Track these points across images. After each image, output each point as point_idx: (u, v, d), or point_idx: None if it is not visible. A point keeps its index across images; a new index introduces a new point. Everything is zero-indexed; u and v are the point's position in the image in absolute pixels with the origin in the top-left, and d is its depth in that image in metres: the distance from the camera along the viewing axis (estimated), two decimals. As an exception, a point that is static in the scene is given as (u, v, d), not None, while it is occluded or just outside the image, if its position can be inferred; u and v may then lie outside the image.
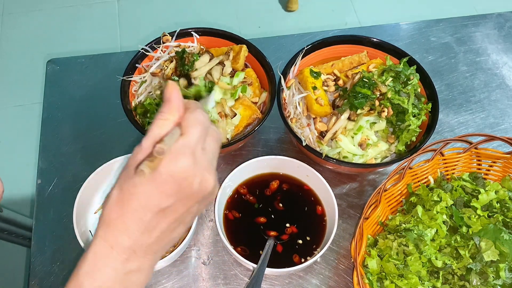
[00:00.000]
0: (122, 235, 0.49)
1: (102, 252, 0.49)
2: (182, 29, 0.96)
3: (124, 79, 0.90)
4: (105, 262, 0.49)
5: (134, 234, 0.49)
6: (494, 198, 0.79)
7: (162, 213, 0.49)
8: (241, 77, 0.92)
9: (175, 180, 0.48)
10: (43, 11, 2.42)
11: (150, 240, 0.50)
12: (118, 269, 0.49)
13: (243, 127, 0.90)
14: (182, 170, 0.48)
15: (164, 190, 0.48)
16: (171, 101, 0.51)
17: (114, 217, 0.49)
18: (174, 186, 0.48)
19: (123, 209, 0.48)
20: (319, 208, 0.86)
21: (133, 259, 0.50)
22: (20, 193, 1.88)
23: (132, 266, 0.50)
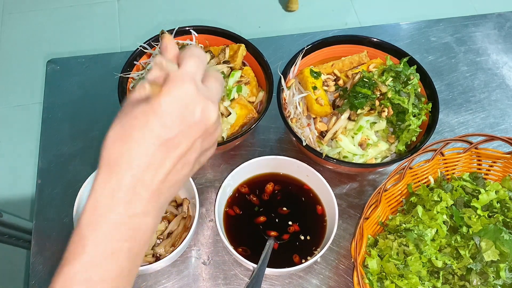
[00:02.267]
0: (124, 174, 0.45)
1: (103, 198, 0.45)
2: (180, 27, 0.96)
3: (122, 76, 0.90)
4: (107, 208, 0.45)
5: (137, 171, 0.45)
6: (494, 198, 0.79)
7: (165, 146, 0.46)
8: (237, 76, 0.92)
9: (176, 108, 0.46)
10: (43, 11, 2.42)
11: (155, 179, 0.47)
12: (122, 213, 0.45)
13: (239, 126, 0.90)
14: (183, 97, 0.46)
15: (165, 119, 0.46)
16: (168, 49, 0.51)
17: (115, 156, 0.46)
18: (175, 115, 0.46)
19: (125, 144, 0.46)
20: (319, 208, 0.86)
21: (137, 201, 0.46)
22: (20, 193, 1.88)
23: (137, 209, 0.46)
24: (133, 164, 0.45)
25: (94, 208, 0.46)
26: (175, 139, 0.47)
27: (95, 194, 0.46)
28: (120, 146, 0.46)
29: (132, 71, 0.93)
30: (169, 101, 0.46)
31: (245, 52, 0.95)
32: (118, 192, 0.45)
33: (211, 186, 0.93)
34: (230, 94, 0.90)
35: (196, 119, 0.47)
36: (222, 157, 0.96)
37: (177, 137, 0.47)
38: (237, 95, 0.91)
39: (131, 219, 0.46)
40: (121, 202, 0.45)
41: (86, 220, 0.46)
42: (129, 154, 0.45)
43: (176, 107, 0.46)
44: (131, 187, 0.45)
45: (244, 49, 0.94)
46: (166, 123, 0.46)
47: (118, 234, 0.46)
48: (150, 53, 0.95)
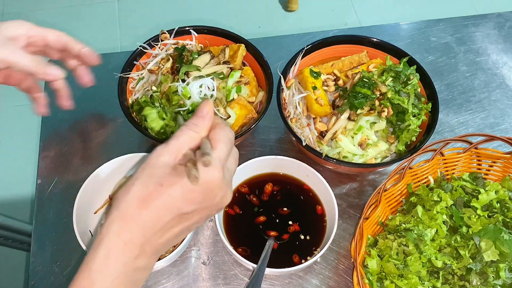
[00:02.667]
0: (137, 232, 0.49)
1: (115, 248, 0.49)
2: (180, 27, 0.96)
3: (122, 76, 0.90)
4: (118, 258, 0.49)
5: (149, 234, 0.50)
6: (494, 198, 0.79)
7: (180, 217, 0.51)
8: (236, 77, 0.92)
9: (202, 190, 0.50)
10: (43, 11, 2.42)
11: (161, 241, 0.51)
12: (129, 265, 0.49)
13: (239, 126, 0.90)
14: (211, 182, 0.51)
15: (190, 196, 0.50)
16: (206, 118, 0.55)
17: (133, 213, 0.49)
18: (200, 196, 0.51)
19: (145, 207, 0.49)
20: (319, 208, 0.86)
21: (143, 257, 0.51)
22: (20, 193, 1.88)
23: (141, 263, 0.51)
24: (147, 225, 0.50)
25: (106, 256, 0.49)
26: (189, 215, 0.52)
27: (108, 242, 0.49)
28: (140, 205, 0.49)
29: (132, 71, 0.93)
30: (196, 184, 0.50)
31: (245, 52, 0.95)
32: (129, 246, 0.49)
33: (211, 186, 0.93)
34: (229, 95, 0.90)
35: (215, 203, 0.53)
36: (222, 157, 0.96)
37: (192, 214, 0.52)
38: (236, 96, 0.91)
39: (135, 272, 0.51)
40: (131, 256, 0.50)
41: (97, 266, 0.49)
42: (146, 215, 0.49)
43: (203, 190, 0.50)
44: (140, 244, 0.50)
45: (244, 49, 0.94)
46: (188, 200, 0.50)
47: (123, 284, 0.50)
48: (150, 53, 0.95)
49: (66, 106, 0.91)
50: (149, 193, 0.49)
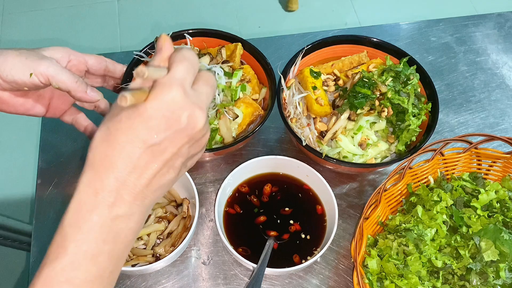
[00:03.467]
0: (108, 176, 0.46)
1: (87, 198, 0.46)
2: (175, 32, 0.96)
3: (123, 87, 0.90)
4: (90, 209, 0.46)
5: (122, 174, 0.46)
6: (494, 198, 0.79)
7: (151, 151, 0.47)
8: (239, 75, 0.92)
9: (162, 114, 0.46)
10: (43, 11, 2.42)
11: (139, 182, 0.47)
12: (104, 215, 0.46)
13: (246, 125, 0.90)
14: (169, 102, 0.46)
15: (151, 124, 0.46)
16: (163, 50, 0.51)
17: (100, 157, 0.46)
18: (161, 121, 0.46)
19: (109, 146, 0.46)
20: (319, 208, 0.86)
21: (120, 203, 0.47)
22: (20, 194, 1.88)
23: (120, 211, 0.47)
24: (117, 166, 0.46)
25: (77, 208, 0.46)
26: (160, 145, 0.47)
27: (78, 194, 0.46)
28: (105, 148, 0.46)
29: (131, 81, 0.92)
30: (155, 106, 0.46)
31: (242, 51, 0.95)
32: (102, 193, 0.46)
33: (211, 186, 0.93)
34: (235, 94, 0.90)
35: (183, 126, 0.48)
36: (222, 158, 0.96)
37: (162, 143, 0.47)
38: (241, 94, 0.91)
39: (113, 222, 0.47)
40: (105, 203, 0.46)
41: (68, 220, 0.46)
42: (113, 156, 0.46)
43: (162, 113, 0.46)
44: (114, 189, 0.46)
45: (241, 47, 0.94)
46: (151, 128, 0.46)
47: (100, 236, 0.46)
48: (147, 61, 0.95)
49: None
50: (111, 133, 0.46)
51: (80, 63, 0.78)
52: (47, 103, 0.81)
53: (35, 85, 0.70)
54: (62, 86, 0.71)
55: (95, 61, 0.81)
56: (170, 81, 0.47)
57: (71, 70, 0.76)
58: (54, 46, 0.75)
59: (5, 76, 0.67)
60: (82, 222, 0.46)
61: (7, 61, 0.66)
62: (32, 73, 0.67)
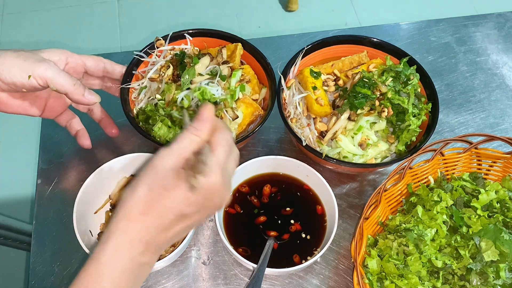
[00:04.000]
0: (142, 230, 0.53)
1: (123, 243, 0.52)
2: (174, 32, 0.96)
3: (123, 87, 0.90)
4: (125, 253, 0.52)
5: (153, 232, 0.53)
6: (494, 198, 0.79)
7: (181, 217, 0.54)
8: (238, 76, 0.92)
9: (203, 194, 0.53)
10: (43, 11, 2.42)
11: (164, 239, 0.55)
12: (135, 260, 0.53)
13: (246, 125, 0.90)
14: (211, 186, 0.54)
15: (191, 200, 0.53)
16: (207, 121, 0.57)
17: (138, 214, 0.53)
18: (200, 199, 0.54)
19: (150, 208, 0.53)
20: (319, 208, 0.86)
21: (147, 254, 0.54)
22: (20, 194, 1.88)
23: (145, 259, 0.54)
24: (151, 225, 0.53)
25: (114, 251, 0.52)
26: (190, 215, 0.55)
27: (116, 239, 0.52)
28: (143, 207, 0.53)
29: (132, 81, 0.92)
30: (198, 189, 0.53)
31: (242, 51, 0.95)
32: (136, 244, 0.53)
33: (211, 186, 0.93)
34: (234, 95, 0.89)
35: (214, 205, 0.56)
36: (222, 157, 0.96)
37: (193, 214, 0.55)
38: (241, 94, 0.91)
39: (139, 267, 0.54)
40: (137, 252, 0.53)
41: (106, 259, 0.52)
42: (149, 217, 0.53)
43: (202, 194, 0.53)
44: (145, 242, 0.53)
45: (241, 48, 0.94)
46: (190, 203, 0.54)
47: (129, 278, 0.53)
48: (147, 61, 0.95)
49: (113, 134, 0.93)
50: (153, 196, 0.53)
51: (78, 65, 0.79)
52: (44, 104, 0.82)
53: (33, 87, 0.70)
54: (59, 88, 0.72)
55: (93, 63, 0.81)
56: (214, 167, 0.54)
57: (69, 72, 0.76)
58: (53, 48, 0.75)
59: (3, 77, 0.68)
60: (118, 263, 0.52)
61: (5, 63, 0.67)
62: (31, 75, 0.68)
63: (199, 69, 0.90)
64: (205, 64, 0.92)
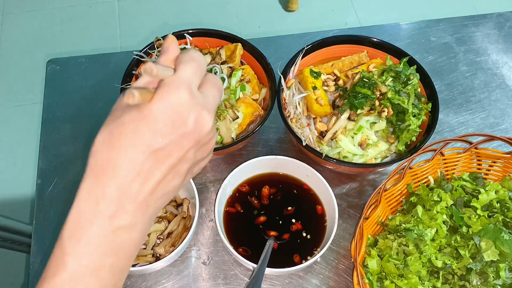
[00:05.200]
0: (110, 183, 0.43)
1: (86, 208, 0.43)
2: (174, 32, 0.96)
3: (124, 87, 0.90)
4: (90, 219, 0.42)
5: (124, 181, 0.43)
6: (494, 198, 0.79)
7: (155, 156, 0.44)
8: (238, 76, 0.92)
9: (168, 116, 0.43)
10: (43, 11, 2.42)
11: (143, 190, 0.44)
12: (105, 226, 0.43)
13: (246, 125, 0.90)
14: (176, 104, 0.43)
15: (156, 127, 0.43)
16: (169, 51, 0.48)
17: (101, 163, 0.43)
18: (167, 123, 0.43)
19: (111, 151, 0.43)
20: (319, 208, 0.86)
21: (122, 214, 0.43)
22: (20, 194, 1.88)
23: (121, 222, 0.43)
24: (119, 172, 0.43)
25: (77, 220, 0.43)
26: (166, 149, 0.44)
27: (78, 203, 0.43)
28: (106, 152, 0.43)
29: (131, 81, 0.92)
30: (161, 108, 0.43)
31: (242, 51, 0.95)
32: (103, 203, 0.43)
33: (211, 186, 0.93)
34: (235, 94, 0.90)
35: (189, 129, 0.45)
36: (222, 158, 0.96)
37: (168, 147, 0.44)
38: (241, 94, 0.91)
39: (115, 233, 0.43)
40: (105, 214, 0.43)
41: (68, 232, 0.43)
42: (115, 161, 0.43)
43: (168, 115, 0.43)
44: (116, 198, 0.43)
45: (241, 48, 0.94)
46: (156, 131, 0.43)
47: (101, 249, 0.43)
48: (146, 61, 0.94)
49: None
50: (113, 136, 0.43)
51: None
52: None
53: None
54: None
55: None
56: (176, 81, 0.44)
57: None
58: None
59: None
60: (82, 234, 0.43)
61: None
62: None
63: None
64: (207, 61, 0.92)
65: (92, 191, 0.43)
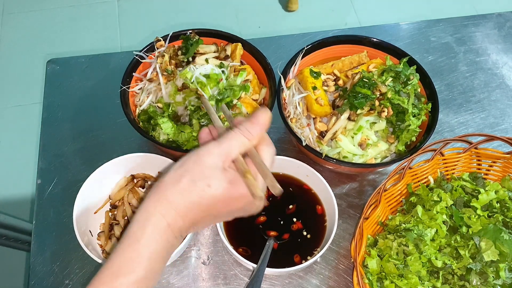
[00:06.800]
0: (179, 218, 0.53)
1: (161, 226, 0.53)
2: (174, 32, 0.96)
3: (125, 88, 0.90)
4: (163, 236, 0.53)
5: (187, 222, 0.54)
6: (494, 198, 0.79)
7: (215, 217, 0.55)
8: (244, 76, 0.92)
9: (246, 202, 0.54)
10: (43, 11, 2.42)
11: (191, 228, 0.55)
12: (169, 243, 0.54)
13: (246, 125, 0.90)
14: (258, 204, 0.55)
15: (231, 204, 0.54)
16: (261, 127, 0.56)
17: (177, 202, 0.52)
18: (241, 204, 0.54)
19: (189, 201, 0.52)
20: (319, 208, 0.86)
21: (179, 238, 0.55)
22: (20, 193, 1.88)
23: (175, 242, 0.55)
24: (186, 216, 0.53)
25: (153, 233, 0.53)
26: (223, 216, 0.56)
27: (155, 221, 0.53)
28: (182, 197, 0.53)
29: (131, 82, 0.92)
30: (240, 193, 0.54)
31: (242, 51, 0.95)
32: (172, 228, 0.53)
33: (211, 186, 0.93)
34: (238, 93, 0.90)
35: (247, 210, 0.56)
36: (222, 157, 0.96)
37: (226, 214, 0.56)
38: (243, 94, 0.91)
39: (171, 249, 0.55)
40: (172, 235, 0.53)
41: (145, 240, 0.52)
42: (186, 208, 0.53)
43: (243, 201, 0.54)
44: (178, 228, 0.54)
45: (241, 48, 0.94)
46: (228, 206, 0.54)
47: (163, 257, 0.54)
48: (147, 62, 0.94)
49: None
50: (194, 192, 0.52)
51: None
52: None
53: None
54: None
55: None
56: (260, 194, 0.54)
57: None
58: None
59: None
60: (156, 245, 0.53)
61: None
62: None
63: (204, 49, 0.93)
64: (212, 49, 0.94)
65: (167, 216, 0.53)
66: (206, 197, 0.53)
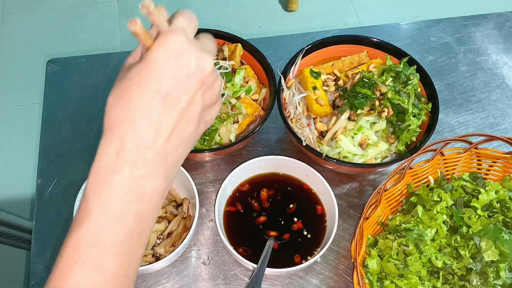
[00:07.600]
0: (126, 134, 0.44)
1: (106, 161, 0.45)
2: None
3: None
4: (111, 171, 0.44)
5: (139, 130, 0.45)
6: (494, 198, 0.79)
7: (164, 101, 0.45)
8: (242, 74, 0.92)
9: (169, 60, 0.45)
10: (43, 11, 2.42)
11: (159, 137, 0.45)
12: (126, 176, 0.44)
13: (246, 125, 0.90)
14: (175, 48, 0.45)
15: (160, 73, 0.45)
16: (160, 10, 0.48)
17: (115, 118, 0.45)
18: (169, 67, 0.45)
19: (123, 105, 0.45)
20: (319, 208, 0.86)
21: (142, 162, 0.45)
22: (20, 193, 1.88)
23: (142, 171, 0.45)
24: (133, 123, 0.44)
25: (98, 172, 0.45)
26: (173, 94, 0.45)
27: (98, 158, 0.45)
28: (119, 107, 0.45)
29: None
30: (161, 54, 0.45)
31: (242, 51, 0.95)
32: (121, 153, 0.44)
33: (211, 186, 0.93)
34: (237, 92, 0.89)
35: (192, 70, 0.46)
36: (222, 158, 0.96)
37: (174, 91, 0.45)
38: (243, 95, 0.91)
39: (137, 182, 0.45)
40: (125, 163, 0.44)
41: (90, 184, 0.45)
42: (128, 114, 0.44)
43: (169, 59, 0.45)
44: (134, 147, 0.44)
45: (241, 48, 0.94)
46: (161, 77, 0.45)
47: (125, 197, 0.45)
48: None
49: None
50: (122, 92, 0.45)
51: None
52: None
53: None
54: None
55: None
56: (172, 29, 0.46)
57: None
58: None
59: None
60: (104, 185, 0.44)
61: None
62: None
63: None
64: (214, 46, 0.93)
65: (111, 145, 0.45)
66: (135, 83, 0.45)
